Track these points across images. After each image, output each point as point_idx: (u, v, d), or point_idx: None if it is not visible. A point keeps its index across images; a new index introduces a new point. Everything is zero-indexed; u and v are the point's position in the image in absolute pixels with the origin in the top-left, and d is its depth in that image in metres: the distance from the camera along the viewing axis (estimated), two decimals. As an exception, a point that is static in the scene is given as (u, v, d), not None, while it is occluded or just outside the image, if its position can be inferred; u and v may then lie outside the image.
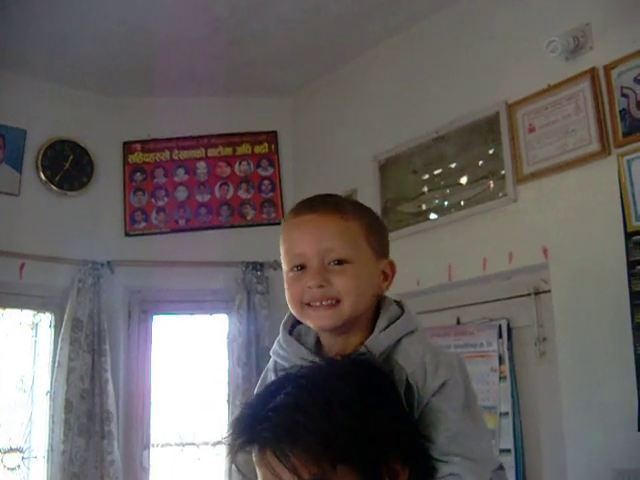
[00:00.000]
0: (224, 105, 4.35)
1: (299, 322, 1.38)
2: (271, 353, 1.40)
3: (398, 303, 1.38)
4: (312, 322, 1.31)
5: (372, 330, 1.31)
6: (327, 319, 1.28)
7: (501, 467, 1.32)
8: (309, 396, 1.07)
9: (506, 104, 3.07)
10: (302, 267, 1.30)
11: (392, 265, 1.39)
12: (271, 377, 1.38)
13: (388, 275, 1.38)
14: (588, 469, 2.62)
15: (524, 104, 2.99)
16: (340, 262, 1.28)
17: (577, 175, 2.78)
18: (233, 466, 1.15)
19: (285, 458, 1.03)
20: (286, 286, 1.35)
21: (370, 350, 1.25)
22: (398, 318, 1.32)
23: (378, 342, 1.28)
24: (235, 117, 4.36)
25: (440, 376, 1.24)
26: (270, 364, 1.42)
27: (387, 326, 1.31)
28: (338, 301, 1.27)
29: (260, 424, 1.07)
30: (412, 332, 1.31)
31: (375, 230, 1.36)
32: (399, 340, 1.29)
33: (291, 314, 1.39)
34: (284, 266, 1.35)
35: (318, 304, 1.28)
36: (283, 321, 1.41)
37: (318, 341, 1.37)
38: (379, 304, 1.37)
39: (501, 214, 3.07)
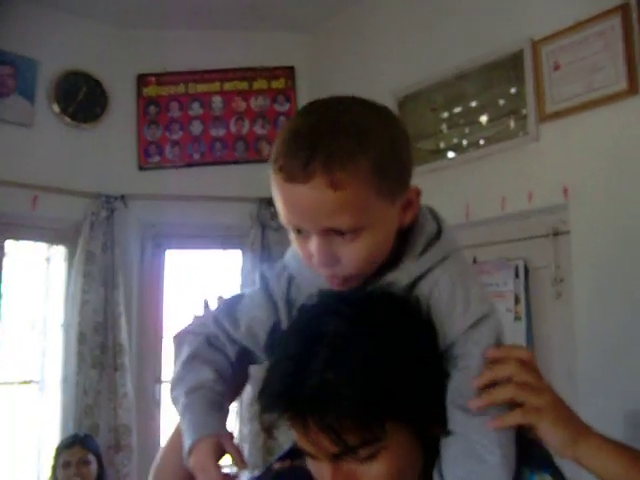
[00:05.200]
0: (241, 39, 4.27)
1: None
2: (286, 262, 1.19)
3: (433, 214, 1.14)
4: (334, 287, 1.08)
5: (399, 249, 1.09)
6: (345, 288, 1.07)
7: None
8: (345, 357, 0.95)
9: (531, 41, 2.99)
10: (300, 231, 1.05)
11: (416, 192, 1.08)
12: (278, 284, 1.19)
13: (412, 202, 1.08)
14: (600, 411, 2.61)
15: (550, 41, 2.92)
16: (344, 232, 1.01)
17: (602, 114, 2.73)
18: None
19: (331, 430, 0.94)
20: (293, 241, 1.09)
21: (396, 282, 1.07)
22: (435, 238, 1.10)
23: (408, 272, 1.07)
24: (252, 52, 4.29)
25: (472, 314, 1.04)
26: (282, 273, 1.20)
27: (422, 251, 1.08)
28: (351, 275, 1.05)
29: (298, 396, 0.95)
30: (446, 258, 1.09)
31: (388, 167, 1.02)
32: (430, 268, 1.08)
33: None
34: (282, 219, 1.06)
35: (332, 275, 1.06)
36: None
37: None
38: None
39: (521, 153, 3.02)
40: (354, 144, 0.98)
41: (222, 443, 1.10)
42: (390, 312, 1.02)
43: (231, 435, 1.13)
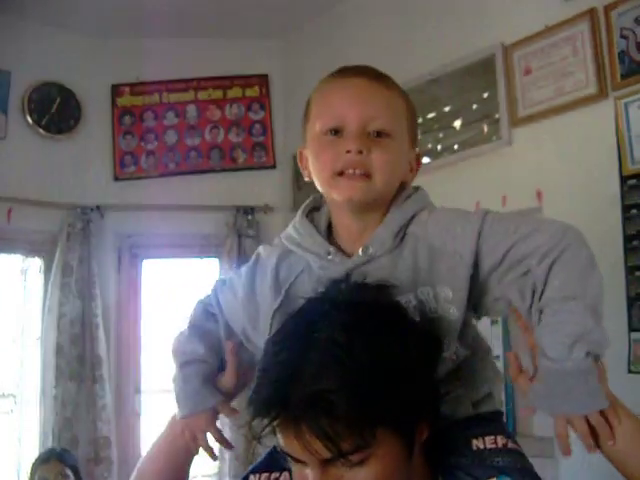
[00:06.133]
0: (214, 47, 4.26)
1: (316, 209, 1.33)
2: (283, 238, 1.31)
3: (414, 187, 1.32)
4: (342, 193, 1.19)
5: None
6: (359, 190, 1.18)
7: None
8: (338, 364, 0.97)
9: (502, 46, 3.01)
10: (337, 132, 1.20)
11: (419, 158, 1.33)
12: (270, 268, 1.30)
13: (413, 168, 1.30)
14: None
15: (520, 46, 2.94)
16: (381, 134, 1.20)
17: (573, 118, 2.75)
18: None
19: (325, 435, 0.95)
20: (315, 153, 1.24)
21: (386, 229, 1.21)
22: (414, 192, 1.28)
23: (394, 219, 1.22)
24: (226, 60, 4.28)
25: (474, 220, 1.18)
26: (274, 253, 1.32)
27: (403, 201, 1.25)
28: (369, 175, 1.18)
29: (293, 401, 0.97)
30: (426, 207, 1.26)
31: (413, 115, 1.30)
32: (413, 216, 1.23)
33: (312, 200, 1.33)
34: (316, 128, 1.23)
35: (351, 172, 1.18)
36: (303, 206, 1.32)
37: (329, 227, 1.30)
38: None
39: (495, 157, 3.04)
40: (397, 85, 1.28)
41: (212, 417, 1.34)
42: (383, 318, 1.05)
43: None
